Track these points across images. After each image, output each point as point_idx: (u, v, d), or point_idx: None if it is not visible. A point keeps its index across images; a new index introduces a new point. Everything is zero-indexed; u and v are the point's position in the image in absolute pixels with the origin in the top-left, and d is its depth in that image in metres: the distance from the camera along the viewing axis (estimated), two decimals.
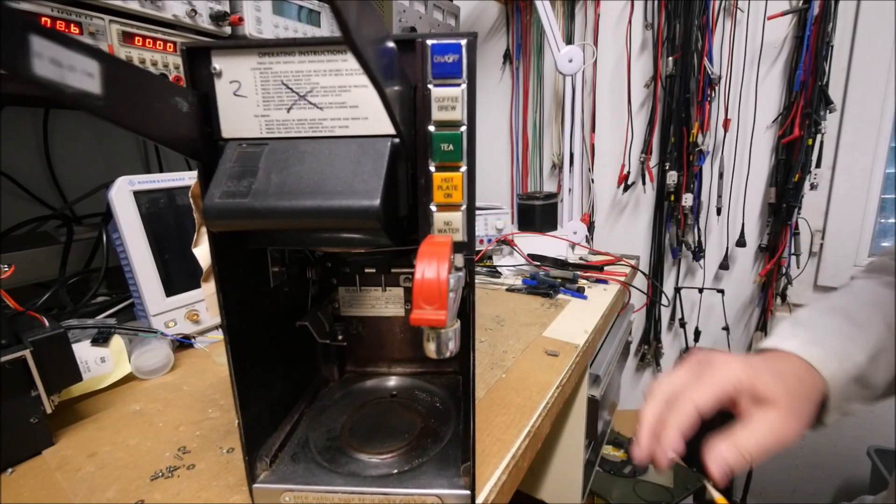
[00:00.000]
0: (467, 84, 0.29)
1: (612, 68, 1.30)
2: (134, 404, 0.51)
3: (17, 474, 0.41)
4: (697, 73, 1.16)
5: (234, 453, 0.42)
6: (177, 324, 0.63)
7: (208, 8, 0.65)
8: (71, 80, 0.19)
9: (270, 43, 0.30)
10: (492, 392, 0.52)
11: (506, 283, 0.92)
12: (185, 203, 0.66)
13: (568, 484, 0.78)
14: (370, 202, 0.27)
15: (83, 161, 0.88)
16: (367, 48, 0.19)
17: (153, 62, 0.60)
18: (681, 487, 1.17)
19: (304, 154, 0.30)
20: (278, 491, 0.35)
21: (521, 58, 1.41)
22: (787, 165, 1.14)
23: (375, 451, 0.39)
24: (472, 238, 0.32)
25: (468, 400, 0.34)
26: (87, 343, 0.53)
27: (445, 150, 0.30)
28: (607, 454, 1.26)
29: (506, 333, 0.68)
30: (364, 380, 0.51)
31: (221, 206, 0.28)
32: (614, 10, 1.26)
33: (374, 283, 0.49)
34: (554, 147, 1.42)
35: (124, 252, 0.60)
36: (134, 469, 0.40)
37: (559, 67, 1.00)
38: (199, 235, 0.42)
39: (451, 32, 0.32)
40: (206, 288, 0.39)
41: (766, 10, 1.10)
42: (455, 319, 0.29)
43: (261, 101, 0.30)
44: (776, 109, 1.16)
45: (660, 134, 1.26)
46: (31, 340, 0.42)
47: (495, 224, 1.03)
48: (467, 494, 0.34)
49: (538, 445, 0.48)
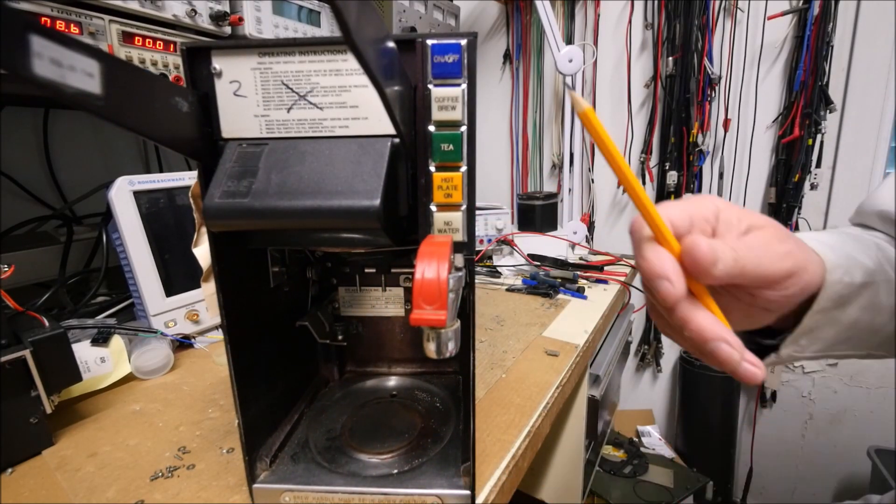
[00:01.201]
0: (467, 84, 0.29)
1: (612, 68, 1.31)
2: (134, 404, 0.51)
3: (17, 474, 0.41)
4: (697, 73, 1.16)
5: (234, 453, 0.42)
6: (177, 324, 0.63)
7: (208, 8, 0.65)
8: (71, 80, 0.19)
9: (270, 43, 0.30)
10: (492, 392, 0.52)
11: (506, 283, 0.92)
12: (185, 203, 0.66)
13: (568, 484, 0.78)
14: (370, 202, 0.27)
15: (83, 161, 0.88)
16: (367, 48, 0.19)
17: (153, 62, 0.60)
18: (681, 487, 1.17)
19: (304, 154, 0.30)
20: (278, 491, 0.35)
21: (521, 58, 1.41)
22: (787, 165, 1.14)
23: (375, 451, 0.39)
24: (472, 238, 0.32)
25: (468, 400, 0.34)
26: (87, 343, 0.53)
27: (445, 150, 0.30)
28: (607, 454, 1.26)
29: (506, 333, 0.68)
30: (364, 380, 0.51)
31: (221, 206, 0.28)
32: (614, 10, 1.26)
33: (374, 283, 0.49)
34: (554, 147, 1.42)
35: (124, 252, 0.60)
36: (134, 469, 0.40)
37: (559, 67, 1.00)
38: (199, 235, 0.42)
39: (451, 32, 0.32)
40: (206, 288, 0.39)
41: (766, 10, 1.10)
42: (455, 319, 0.29)
43: (261, 101, 0.30)
44: (776, 109, 1.16)
45: (660, 134, 1.26)
46: (31, 340, 0.42)
47: (495, 224, 1.03)
48: (467, 494, 0.34)
49: (538, 445, 0.48)
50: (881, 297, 0.35)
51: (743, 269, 0.25)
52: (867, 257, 0.35)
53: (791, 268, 0.27)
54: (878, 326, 0.36)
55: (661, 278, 0.25)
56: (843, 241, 0.37)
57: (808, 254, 0.29)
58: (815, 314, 0.32)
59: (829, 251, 0.32)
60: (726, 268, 0.25)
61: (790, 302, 0.29)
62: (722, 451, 1.33)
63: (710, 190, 1.24)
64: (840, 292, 0.32)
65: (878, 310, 0.35)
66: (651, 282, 0.25)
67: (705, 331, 0.25)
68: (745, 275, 0.26)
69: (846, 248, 0.34)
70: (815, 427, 1.29)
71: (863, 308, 0.34)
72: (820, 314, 0.32)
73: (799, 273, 0.28)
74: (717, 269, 0.24)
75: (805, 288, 0.29)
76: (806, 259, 0.28)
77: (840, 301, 0.32)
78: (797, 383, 1.29)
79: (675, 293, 0.24)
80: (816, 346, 0.34)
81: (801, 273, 0.28)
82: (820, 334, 0.34)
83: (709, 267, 0.24)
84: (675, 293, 0.24)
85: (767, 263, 0.26)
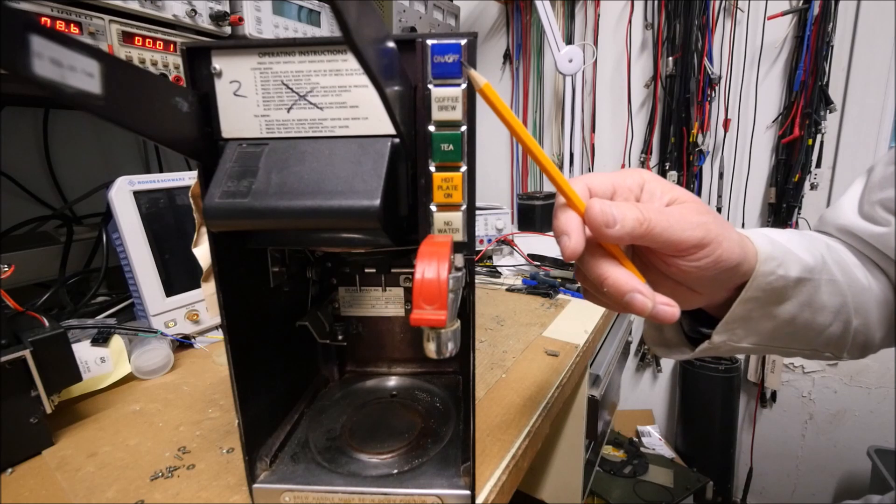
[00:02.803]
0: (467, 84, 0.29)
1: (612, 68, 1.31)
2: (134, 404, 0.51)
3: (17, 474, 0.41)
4: (697, 73, 1.16)
5: (234, 453, 0.42)
6: (177, 324, 0.63)
7: (208, 8, 0.65)
8: (71, 80, 0.19)
9: (270, 43, 0.30)
10: (492, 392, 0.52)
11: (506, 283, 0.92)
12: (185, 203, 0.66)
13: (568, 484, 0.78)
14: (370, 202, 0.27)
15: (83, 161, 0.88)
16: (368, 48, 0.19)
17: (153, 62, 0.60)
18: (681, 487, 1.17)
19: (304, 154, 0.30)
20: (278, 491, 0.35)
21: (521, 58, 1.41)
22: (787, 165, 1.14)
23: (375, 451, 0.39)
24: (472, 238, 0.32)
25: (468, 400, 0.34)
26: (87, 343, 0.53)
27: (445, 150, 0.30)
28: (607, 454, 1.26)
29: (506, 333, 0.68)
30: (364, 380, 0.51)
31: (221, 206, 0.28)
32: (614, 10, 1.26)
33: (374, 283, 0.49)
34: (554, 147, 1.42)
35: (124, 252, 0.60)
36: (134, 469, 0.40)
37: (559, 67, 1.00)
38: (199, 235, 0.42)
39: (451, 32, 0.32)
40: (206, 288, 0.39)
41: (766, 10, 1.10)
42: (455, 319, 0.29)
43: (261, 101, 0.30)
44: (776, 109, 1.16)
45: (660, 134, 1.26)
46: (31, 340, 0.42)
47: (495, 224, 1.03)
48: (467, 494, 0.34)
49: (538, 445, 0.48)
50: (822, 296, 0.35)
51: (649, 231, 0.27)
52: (809, 254, 0.35)
53: (702, 237, 0.28)
54: (820, 326, 0.36)
55: (562, 234, 0.28)
56: (789, 236, 0.37)
57: (727, 231, 0.30)
58: (746, 302, 0.32)
59: (766, 243, 0.33)
60: (625, 229, 0.27)
61: (704, 275, 0.30)
62: (722, 451, 1.33)
63: (710, 190, 1.24)
64: (773, 284, 0.32)
65: (819, 309, 0.35)
66: (557, 238, 0.28)
67: (621, 284, 0.28)
68: (653, 237, 0.27)
69: (789, 244, 0.35)
70: (815, 427, 1.29)
71: (801, 305, 0.34)
72: (752, 303, 0.33)
73: (710, 245, 0.29)
74: (612, 230, 0.27)
75: (718, 262, 0.29)
76: (721, 234, 0.29)
77: (774, 294, 0.33)
78: (797, 383, 1.29)
79: (572, 246, 0.27)
80: (754, 338, 0.35)
81: (714, 246, 0.29)
82: (756, 326, 0.34)
83: (601, 227, 0.27)
84: (572, 246, 0.27)
85: (678, 230, 0.28)
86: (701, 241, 0.28)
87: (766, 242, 0.33)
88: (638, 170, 0.32)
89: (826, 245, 0.40)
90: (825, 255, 0.37)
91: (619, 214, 0.27)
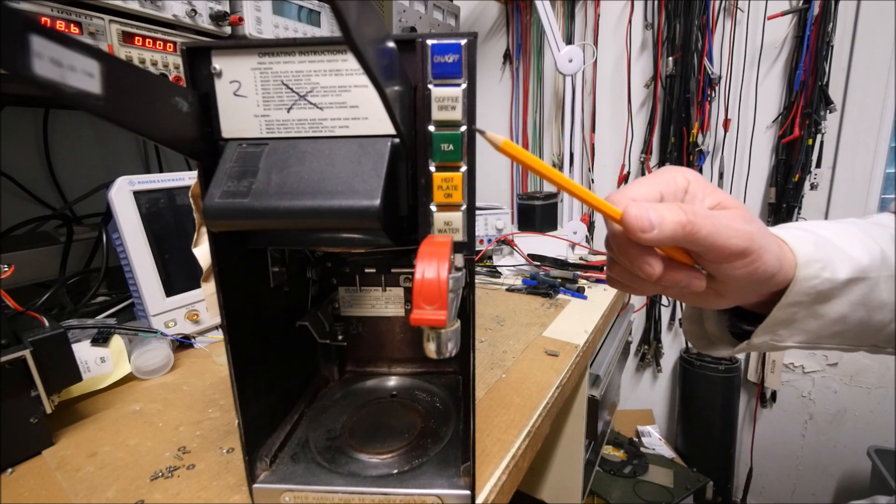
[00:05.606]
0: (467, 84, 0.29)
1: (612, 68, 1.31)
2: (134, 404, 0.51)
3: (17, 474, 0.41)
4: (697, 73, 1.16)
5: (234, 453, 0.42)
6: (177, 324, 0.63)
7: (208, 8, 0.65)
8: (71, 80, 0.19)
9: (270, 43, 0.30)
10: (492, 392, 0.52)
11: (506, 283, 0.92)
12: (185, 203, 0.66)
13: (568, 484, 0.78)
14: (370, 202, 0.27)
15: (83, 161, 0.88)
16: (368, 48, 0.19)
17: (153, 62, 0.60)
18: (681, 487, 1.17)
19: (304, 154, 0.30)
20: (278, 491, 0.35)
21: (521, 58, 1.41)
22: (787, 165, 1.14)
23: (375, 451, 0.39)
24: (472, 238, 0.32)
25: (468, 400, 0.34)
26: (87, 343, 0.53)
27: (445, 150, 0.30)
28: (607, 454, 1.26)
29: (506, 333, 0.68)
30: (364, 380, 0.51)
31: (221, 206, 0.28)
32: (614, 10, 1.26)
33: (374, 283, 0.49)
34: (554, 147, 1.42)
35: (124, 252, 0.60)
36: (134, 469, 0.40)
37: (559, 67, 1.00)
38: (199, 235, 0.42)
39: (451, 32, 0.32)
40: (206, 288, 0.39)
41: (766, 10, 1.10)
42: (455, 319, 0.29)
43: (261, 101, 0.30)
44: (776, 109, 1.16)
45: (660, 134, 1.26)
46: (31, 340, 0.42)
47: (495, 224, 1.03)
48: (467, 494, 0.34)
49: (538, 445, 0.48)
50: (881, 294, 0.33)
51: (693, 234, 0.26)
52: (865, 251, 0.33)
53: (746, 247, 0.27)
54: (879, 324, 0.34)
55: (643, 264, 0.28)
56: (844, 229, 0.36)
57: (769, 243, 0.29)
58: (787, 307, 0.32)
59: (808, 244, 0.32)
60: (664, 233, 0.26)
61: (738, 286, 0.30)
62: (722, 451, 1.33)
63: None
64: (817, 287, 0.31)
65: (876, 307, 0.33)
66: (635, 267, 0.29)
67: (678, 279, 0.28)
68: (697, 241, 0.27)
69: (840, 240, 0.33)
70: (815, 427, 1.29)
71: (853, 304, 0.33)
72: (795, 307, 0.32)
73: (752, 256, 0.28)
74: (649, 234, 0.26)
75: (754, 273, 0.29)
76: (763, 247, 0.28)
77: (819, 296, 0.32)
78: (797, 383, 1.29)
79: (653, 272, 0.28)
80: (800, 337, 0.34)
81: (754, 257, 0.28)
82: (802, 326, 0.33)
83: (637, 232, 0.26)
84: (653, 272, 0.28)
85: (724, 236, 0.27)
86: (745, 251, 0.27)
87: (808, 243, 0.32)
88: (681, 169, 0.31)
89: (890, 237, 0.37)
90: (887, 249, 0.34)
91: (656, 218, 0.26)
